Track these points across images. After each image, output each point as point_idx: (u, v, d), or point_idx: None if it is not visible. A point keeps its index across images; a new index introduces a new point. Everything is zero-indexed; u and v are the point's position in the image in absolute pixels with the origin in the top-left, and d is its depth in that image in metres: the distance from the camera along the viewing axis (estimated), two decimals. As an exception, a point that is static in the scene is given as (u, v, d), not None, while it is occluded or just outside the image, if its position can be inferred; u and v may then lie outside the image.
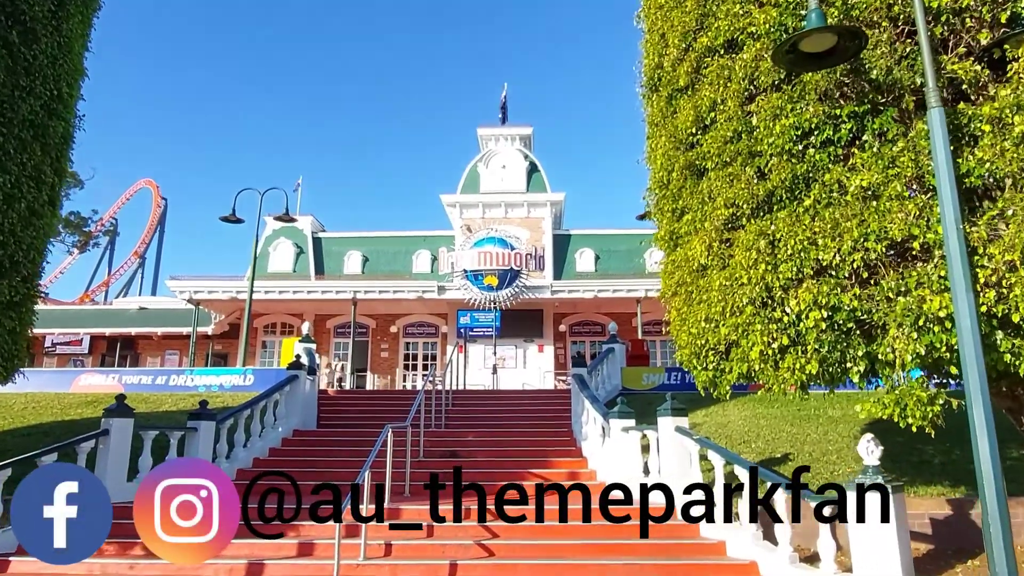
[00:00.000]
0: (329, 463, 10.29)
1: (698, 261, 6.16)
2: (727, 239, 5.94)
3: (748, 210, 5.64)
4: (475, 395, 15.12)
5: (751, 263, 5.40)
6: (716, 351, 5.98)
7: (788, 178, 5.33)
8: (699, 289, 6.26)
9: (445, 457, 10.49)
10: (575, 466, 10.15)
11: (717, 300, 5.80)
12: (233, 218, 16.92)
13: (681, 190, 6.69)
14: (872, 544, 5.93)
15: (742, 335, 5.54)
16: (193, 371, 15.16)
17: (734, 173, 5.87)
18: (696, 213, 6.35)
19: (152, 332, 29.65)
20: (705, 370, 6.41)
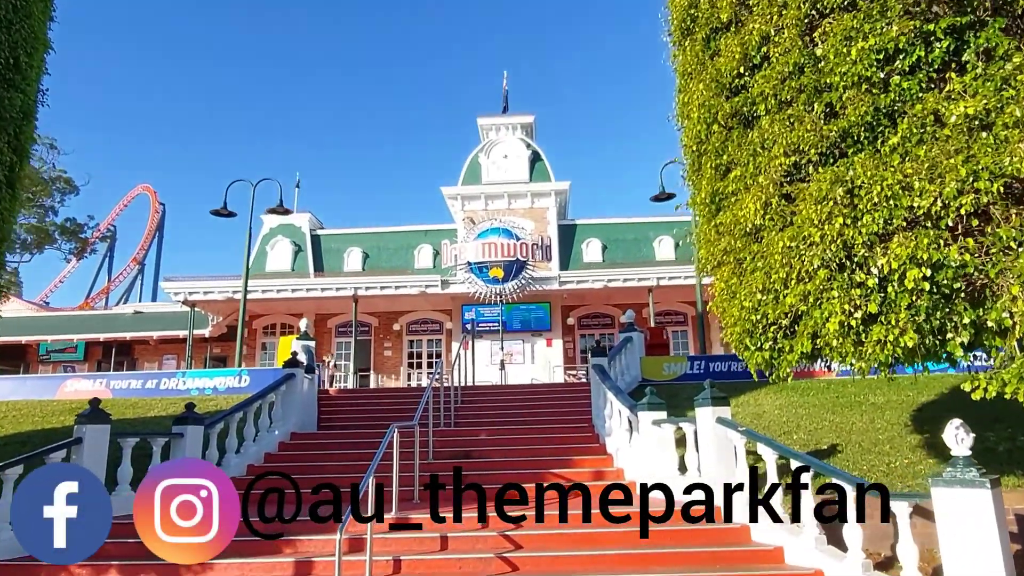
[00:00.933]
0: (330, 468, 9.39)
1: (751, 222, 5.24)
2: (788, 193, 5.03)
3: (815, 156, 4.74)
4: (485, 391, 14.22)
5: (824, 217, 4.49)
6: (777, 326, 5.06)
7: (868, 113, 4.42)
8: (753, 255, 5.35)
9: (457, 458, 9.58)
10: (599, 464, 9.25)
11: (779, 265, 4.89)
12: (224, 211, 16.02)
13: (725, 143, 5.79)
14: (968, 549, 5.01)
15: (813, 305, 4.63)
16: (185, 373, 14.29)
17: (795, 115, 4.96)
18: (746, 167, 5.44)
19: (148, 336, 28.80)
20: (759, 350, 5.50)
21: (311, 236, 30.19)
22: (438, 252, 28.71)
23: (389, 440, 7.31)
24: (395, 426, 7.48)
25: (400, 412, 12.08)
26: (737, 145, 5.59)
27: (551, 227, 27.85)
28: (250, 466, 9.54)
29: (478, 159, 30.03)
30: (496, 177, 29.45)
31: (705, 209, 6.23)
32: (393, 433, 7.40)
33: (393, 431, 7.37)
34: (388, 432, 7.39)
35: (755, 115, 5.42)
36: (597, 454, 9.60)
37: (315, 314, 29.57)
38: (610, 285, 25.44)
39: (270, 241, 29.97)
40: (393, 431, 7.37)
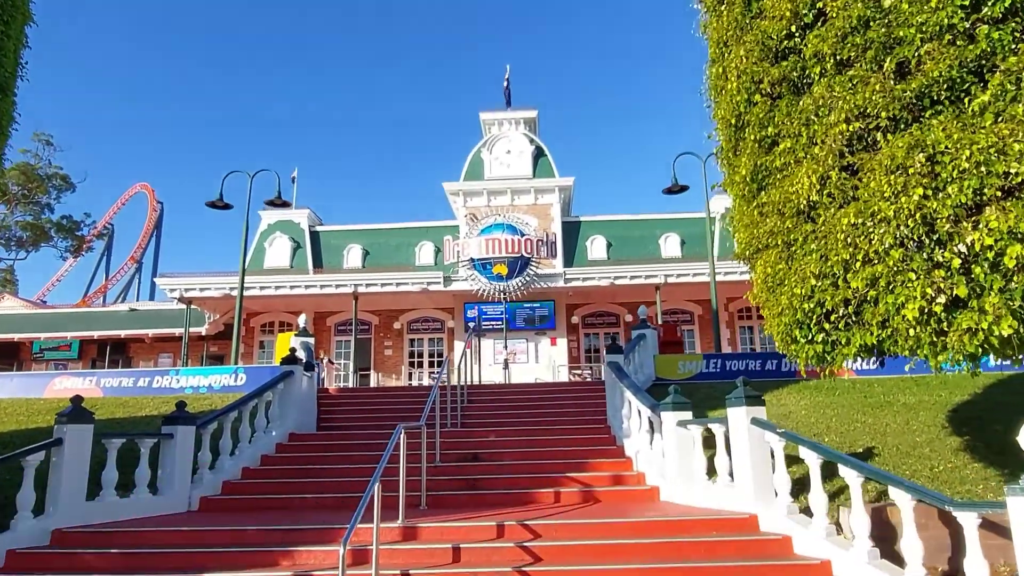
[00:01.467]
0: (331, 472, 8.82)
1: (804, 199, 4.67)
2: (850, 164, 4.46)
3: (885, 121, 4.17)
4: (492, 390, 13.64)
5: (898, 189, 3.92)
6: (837, 314, 4.48)
7: (951, 68, 3.85)
8: (805, 236, 4.78)
9: (466, 461, 9.02)
10: (618, 468, 8.67)
11: (840, 246, 4.32)
12: (220, 203, 15.43)
13: (771, 113, 5.22)
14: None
15: (884, 290, 4.05)
16: (179, 371, 13.70)
17: (858, 76, 4.40)
18: (797, 139, 4.87)
19: (143, 334, 28.19)
20: (811, 343, 4.92)
21: (310, 232, 29.59)
22: (440, 249, 28.11)
23: (396, 442, 6.73)
24: (402, 427, 6.90)
25: (403, 412, 11.51)
26: (786, 114, 5.02)
27: (555, 224, 27.28)
28: (245, 469, 8.96)
29: (480, 154, 29.46)
30: (499, 173, 28.89)
31: (745, 188, 5.66)
32: (400, 435, 6.81)
33: (400, 433, 6.79)
34: (395, 434, 6.82)
35: (807, 80, 4.85)
36: (615, 457, 9.02)
37: (314, 312, 28.99)
38: (616, 283, 24.87)
39: (268, 238, 29.37)
40: (400, 433, 6.79)
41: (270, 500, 8.15)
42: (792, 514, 6.18)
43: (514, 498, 7.88)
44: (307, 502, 8.05)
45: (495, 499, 7.89)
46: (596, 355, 28.59)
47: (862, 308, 4.33)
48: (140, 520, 7.21)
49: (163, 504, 7.75)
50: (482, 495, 8.00)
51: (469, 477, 8.42)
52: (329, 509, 7.80)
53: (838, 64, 4.52)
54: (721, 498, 6.94)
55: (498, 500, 7.86)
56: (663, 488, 7.89)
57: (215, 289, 24.57)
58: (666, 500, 7.75)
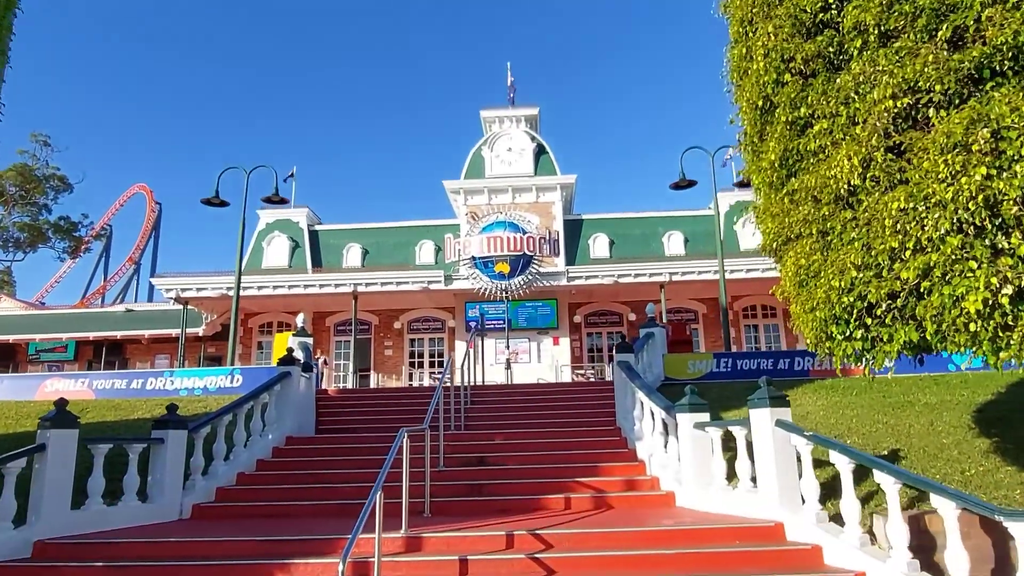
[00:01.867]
0: (330, 477, 8.44)
1: (844, 183, 4.29)
2: (897, 144, 4.08)
3: (939, 96, 3.79)
4: (495, 391, 13.26)
5: (956, 169, 3.54)
6: (885, 308, 4.10)
7: (1017, 35, 3.47)
8: (845, 224, 4.40)
9: (471, 466, 8.63)
10: (630, 472, 8.29)
11: (888, 233, 3.94)
12: (216, 200, 15.04)
13: (804, 92, 4.84)
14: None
15: (939, 280, 3.67)
16: (173, 372, 13.30)
17: (907, 47, 4.02)
18: (835, 119, 4.50)
19: (140, 335, 27.78)
20: (849, 339, 4.54)
21: (309, 232, 29.23)
22: (440, 248, 27.74)
23: (399, 446, 6.34)
24: (405, 431, 6.51)
25: (405, 414, 11.14)
26: (821, 93, 4.64)
27: (557, 222, 26.90)
28: (240, 475, 8.57)
29: (481, 152, 29.09)
30: (500, 171, 28.52)
31: (773, 175, 5.27)
32: (403, 439, 6.43)
33: (403, 436, 6.41)
34: (397, 438, 6.43)
35: (845, 55, 4.48)
36: (627, 460, 8.64)
37: (313, 312, 28.62)
38: (620, 281, 24.50)
39: (266, 237, 28.99)
40: (403, 436, 6.41)
41: (266, 508, 7.76)
42: (822, 522, 5.80)
43: (522, 504, 7.50)
44: (305, 509, 7.67)
45: (502, 505, 7.51)
46: (599, 355, 28.23)
47: (908, 301, 3.95)
48: (128, 530, 6.82)
49: (153, 512, 7.36)
50: (489, 501, 7.63)
51: (475, 482, 8.04)
52: (329, 517, 7.42)
53: (882, 36, 4.15)
54: (743, 504, 6.56)
55: (505, 506, 7.48)
56: (679, 493, 7.51)
57: (212, 289, 24.18)
58: (682, 506, 7.37)
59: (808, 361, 12.82)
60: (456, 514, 7.23)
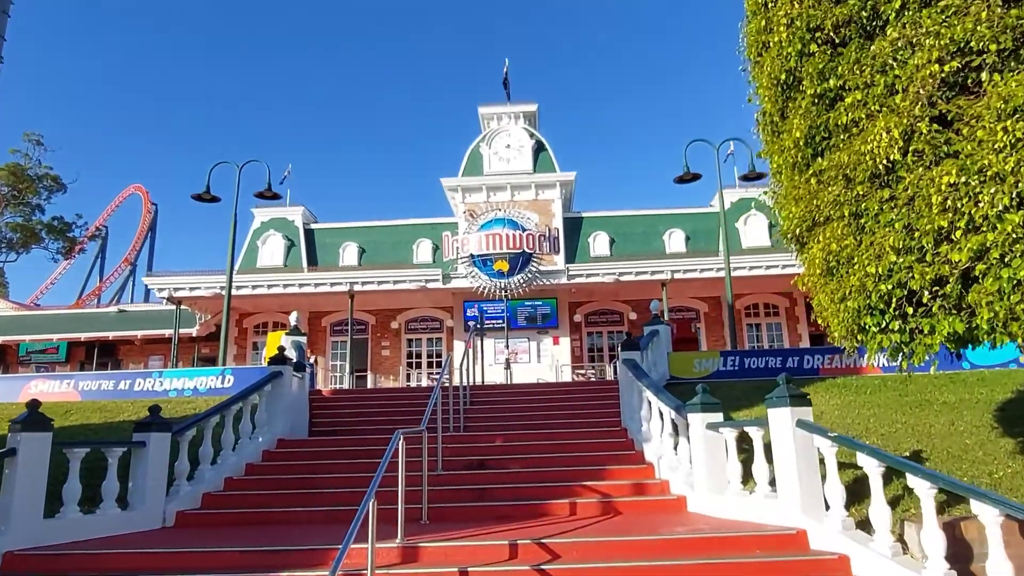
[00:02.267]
0: (323, 482, 8.02)
1: (881, 159, 3.90)
2: (943, 113, 3.69)
3: (993, 57, 3.40)
4: (495, 391, 12.84)
5: (1018, 137, 3.14)
6: (930, 294, 3.70)
7: (1085, -16, 3.09)
8: (882, 204, 4.00)
9: (471, 469, 8.23)
10: (639, 475, 7.89)
11: (935, 211, 3.54)
12: (207, 196, 14.61)
13: (833, 63, 4.44)
14: None
15: (997, 262, 3.27)
16: (163, 373, 12.88)
17: (954, 5, 3.63)
18: (870, 89, 4.10)
19: (132, 336, 27.32)
20: (885, 332, 4.14)
21: (304, 230, 28.79)
22: (438, 246, 27.34)
23: (394, 449, 5.94)
24: (401, 433, 6.10)
25: (402, 415, 10.73)
26: (854, 62, 4.24)
27: (556, 220, 26.49)
28: (228, 480, 8.15)
29: (479, 149, 28.69)
30: (498, 168, 28.12)
31: (797, 155, 4.87)
32: (399, 441, 6.02)
33: (398, 439, 6.00)
34: (393, 440, 6.02)
35: (880, 19, 4.09)
36: (634, 463, 8.24)
37: (309, 311, 28.20)
38: (622, 279, 24.09)
39: (261, 236, 28.55)
40: (398, 439, 6.00)
41: (255, 514, 7.35)
42: (848, 530, 5.40)
43: (525, 510, 7.10)
44: (296, 516, 7.25)
45: (504, 511, 7.11)
46: (599, 355, 27.85)
47: (955, 288, 3.56)
48: (106, 540, 6.40)
49: (134, 520, 6.94)
50: (490, 507, 7.22)
51: (475, 487, 7.64)
52: (320, 524, 7.01)
53: (924, -5, 3.77)
54: (760, 510, 6.16)
55: (508, 512, 7.08)
56: (690, 498, 7.10)
57: (205, 288, 23.74)
58: (695, 511, 6.97)
59: (818, 359, 12.43)
60: (456, 521, 6.83)
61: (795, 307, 27.77)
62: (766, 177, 14.73)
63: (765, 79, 5.14)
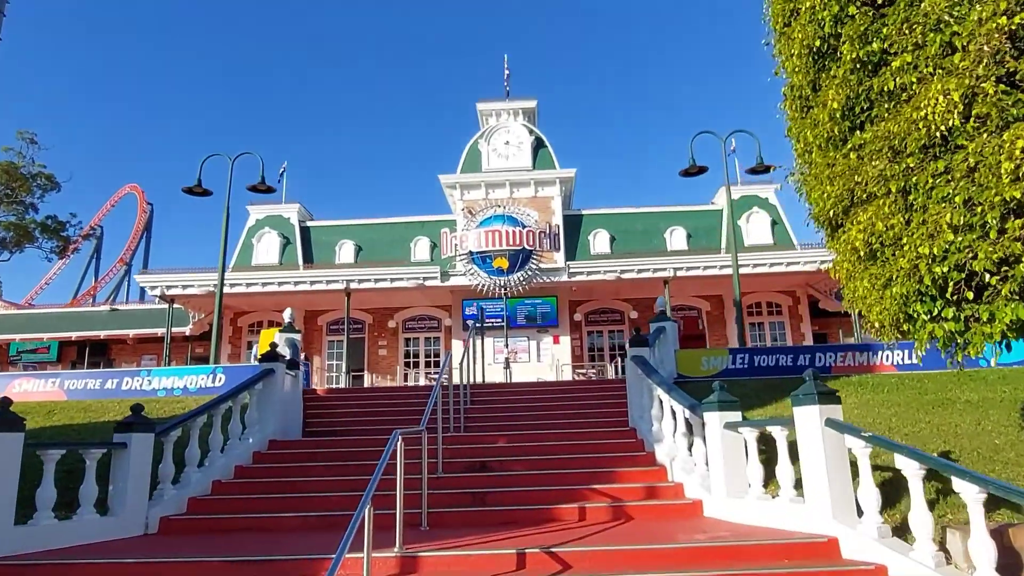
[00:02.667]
0: (317, 485, 7.58)
1: (937, 125, 3.49)
2: (1011, 73, 3.27)
3: (1075, 4, 2.99)
4: (496, 390, 12.41)
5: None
6: (999, 277, 3.29)
7: None
8: (936, 176, 3.58)
9: (472, 472, 7.80)
10: (651, 478, 7.47)
11: (1007, 181, 3.13)
12: (199, 190, 14.16)
13: (876, 24, 4.03)
14: None
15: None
16: (151, 372, 12.42)
17: (1023, -51, 3.21)
18: (921, 50, 3.69)
19: (124, 335, 26.81)
20: (938, 319, 3.73)
21: (300, 228, 28.34)
22: (436, 245, 26.91)
23: (392, 450, 5.51)
24: (399, 433, 5.68)
25: (399, 415, 10.31)
26: (902, 21, 3.83)
27: (556, 217, 26.07)
28: (216, 483, 7.71)
29: (478, 146, 28.28)
30: (497, 165, 27.70)
31: (833, 128, 4.45)
32: (397, 441, 5.60)
33: (396, 439, 5.58)
34: (391, 440, 5.59)
35: (933, -28, 3.67)
36: (645, 464, 7.82)
37: (305, 310, 27.74)
38: (623, 276, 23.66)
39: (256, 233, 28.10)
40: (396, 439, 5.58)
41: (244, 520, 6.91)
42: (884, 537, 4.98)
43: (531, 516, 6.68)
44: (288, 523, 6.82)
45: (508, 517, 6.69)
46: (600, 354, 27.44)
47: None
48: (83, 548, 5.95)
49: (114, 527, 6.49)
50: (493, 512, 6.79)
51: (477, 491, 7.20)
52: (314, 531, 6.57)
53: (990, -61, 3.36)
54: (785, 516, 5.75)
55: (512, 518, 6.66)
56: (707, 502, 6.69)
57: (199, 286, 23.25)
58: (712, 516, 6.56)
59: (830, 357, 12.02)
60: (457, 527, 6.40)
61: (798, 306, 27.40)
62: (774, 170, 14.39)
63: (796, 48, 4.71)
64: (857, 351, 12.05)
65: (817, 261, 22.75)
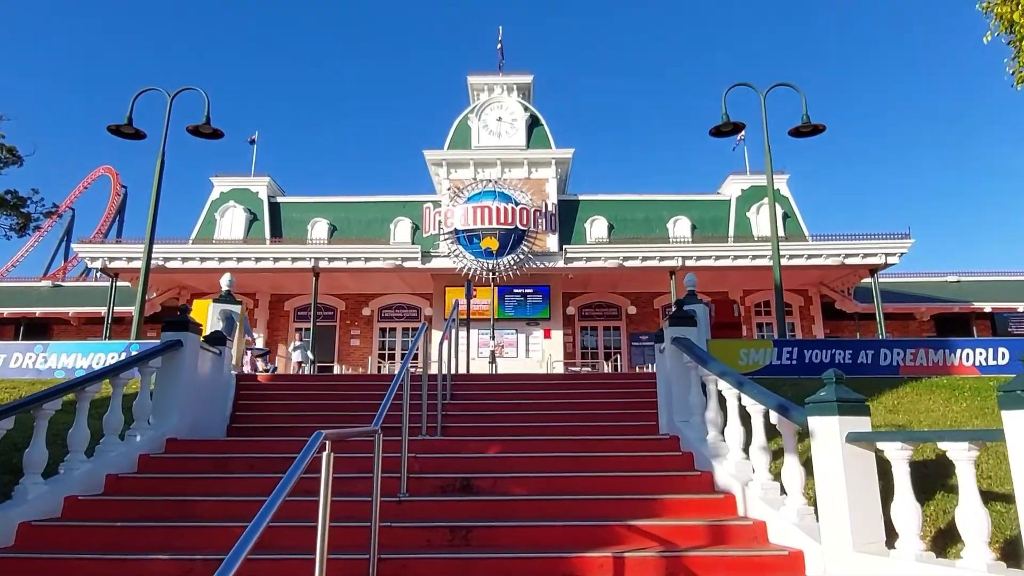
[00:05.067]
0: (210, 511, 5.12)
1: None
2: None
3: None
4: (485, 382, 9.96)
5: None
6: None
7: None
8: None
9: (451, 494, 5.38)
10: (712, 511, 5.10)
11: None
12: (130, 130, 11.58)
13: None
14: None
15: None
16: (48, 347, 9.86)
17: None
18: None
19: (64, 313, 24.00)
20: None
21: (269, 203, 25.80)
22: (418, 227, 24.48)
23: (305, 464, 3.09)
24: (324, 436, 3.25)
25: (359, 409, 7.89)
26: None
27: (550, 201, 23.73)
28: (71, 500, 5.22)
29: (468, 122, 25.89)
30: (488, 142, 25.36)
31: None
32: (318, 453, 3.17)
33: (315, 445, 3.15)
34: (306, 448, 3.15)
35: None
36: (699, 490, 5.45)
37: (271, 294, 25.20)
38: (626, 264, 21.34)
39: (220, 207, 25.51)
40: (315, 445, 3.15)
41: (91, 564, 4.42)
42: None
43: (539, 568, 4.30)
44: (154, 568, 4.34)
45: (505, 568, 4.30)
46: (593, 353, 25.15)
47: None
48: None
49: None
50: (482, 560, 4.39)
51: (457, 524, 4.78)
52: (194, 585, 4.12)
53: None
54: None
55: (510, 570, 4.27)
56: (812, 556, 4.32)
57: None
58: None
59: (898, 354, 9.76)
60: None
61: (810, 306, 25.30)
62: (823, 131, 12.15)
63: None
64: (931, 348, 9.81)
65: (841, 255, 20.62)
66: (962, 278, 27.09)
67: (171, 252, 20.65)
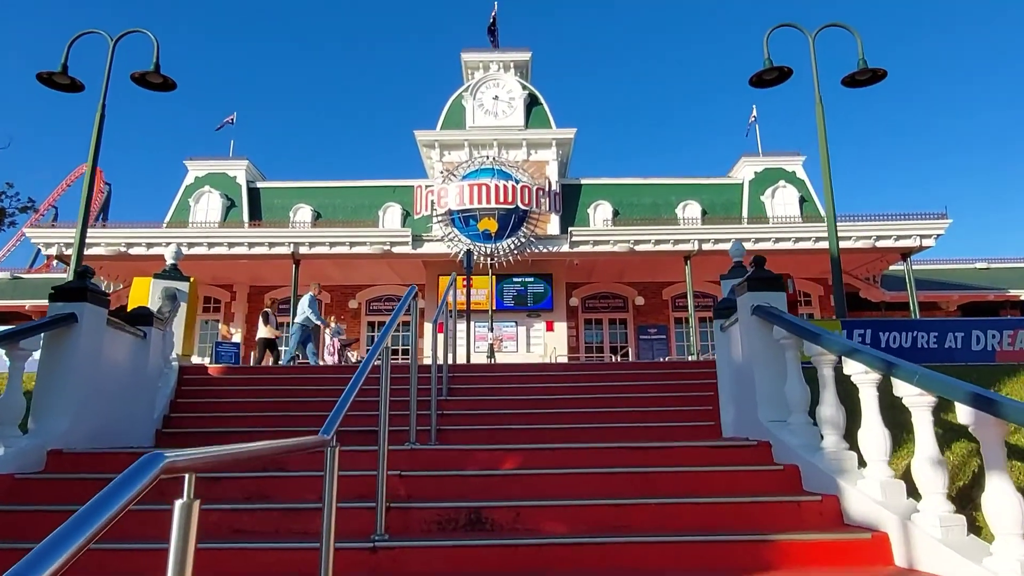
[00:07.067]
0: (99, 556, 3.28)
1: None
2: None
3: None
4: (491, 373, 8.14)
5: None
6: None
7: None
8: None
9: (452, 535, 3.57)
10: (855, 558, 3.31)
11: None
12: (64, 79, 9.73)
13: None
14: None
15: None
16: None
17: None
18: None
19: (21, 306, 22.04)
20: None
21: (248, 189, 23.94)
22: (409, 214, 22.73)
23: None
24: (165, 460, 1.43)
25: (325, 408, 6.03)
26: None
27: (553, 181, 21.97)
28: None
29: (462, 101, 24.11)
30: (484, 122, 23.61)
31: None
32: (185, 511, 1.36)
33: (142, 476, 1.33)
34: (127, 476, 1.33)
35: None
36: (825, 528, 3.66)
37: (249, 285, 23.33)
38: (637, 248, 19.55)
39: (195, 192, 23.65)
40: (142, 476, 1.33)
41: None
42: None
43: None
44: None
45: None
46: (599, 348, 23.41)
47: None
48: None
49: None
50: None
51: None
52: None
53: None
54: None
55: None
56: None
57: (106, 246, 18.61)
58: None
59: (993, 338, 8.03)
60: None
61: (829, 295, 23.59)
62: (883, 77, 10.42)
63: None
64: (1037, 329, 8.10)
65: (873, 236, 18.92)
66: (991, 264, 25.52)
67: (134, 237, 18.75)
